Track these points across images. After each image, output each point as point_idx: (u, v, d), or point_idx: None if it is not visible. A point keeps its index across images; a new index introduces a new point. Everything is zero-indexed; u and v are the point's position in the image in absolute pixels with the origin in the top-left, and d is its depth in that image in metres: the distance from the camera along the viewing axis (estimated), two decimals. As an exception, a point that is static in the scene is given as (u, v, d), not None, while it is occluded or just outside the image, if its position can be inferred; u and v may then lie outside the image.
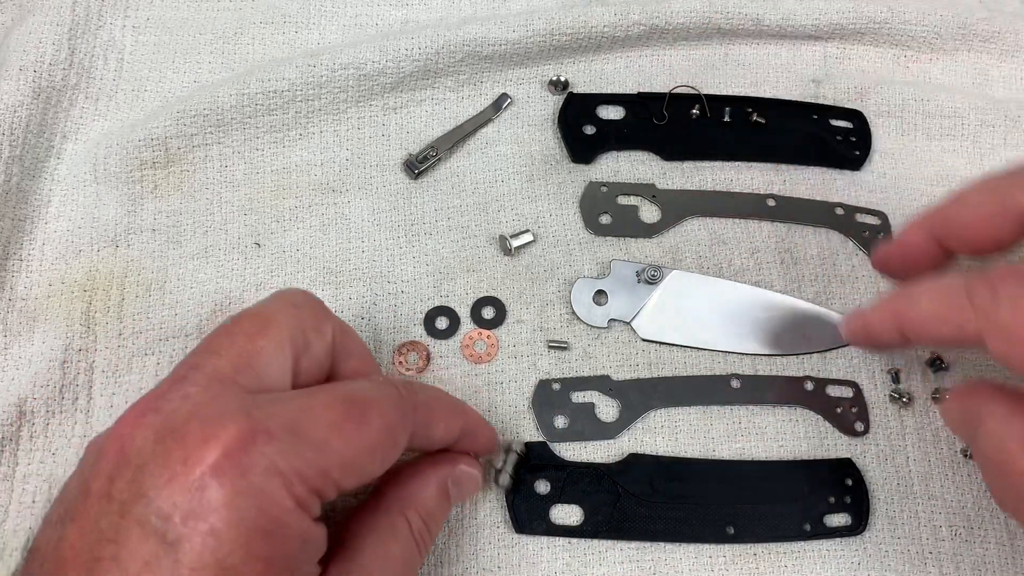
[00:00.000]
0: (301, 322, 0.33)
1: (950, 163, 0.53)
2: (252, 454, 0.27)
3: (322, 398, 0.30)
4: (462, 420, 0.37)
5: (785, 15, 0.53)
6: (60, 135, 0.48)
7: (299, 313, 0.33)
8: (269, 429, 0.27)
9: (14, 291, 0.45)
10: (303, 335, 0.33)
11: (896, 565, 0.43)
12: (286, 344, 0.32)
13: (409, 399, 0.33)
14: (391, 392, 0.32)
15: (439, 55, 0.50)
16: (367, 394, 0.31)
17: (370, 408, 0.31)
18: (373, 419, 0.31)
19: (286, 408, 0.29)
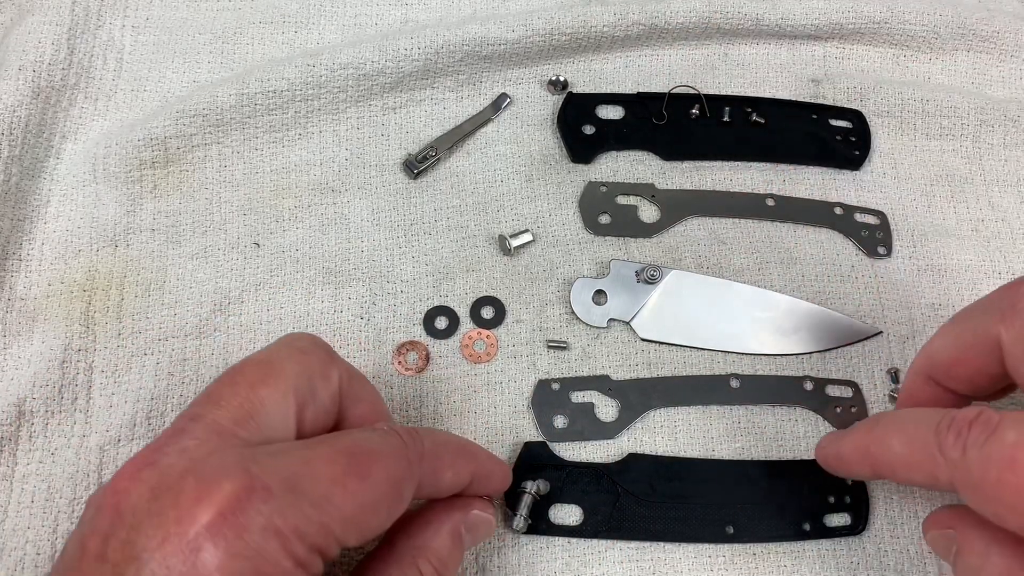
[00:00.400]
0: (307, 369, 0.32)
1: (949, 163, 0.53)
2: (248, 513, 0.26)
3: (323, 451, 0.29)
4: (472, 465, 0.36)
5: (784, 15, 0.53)
6: (59, 135, 0.48)
7: (305, 360, 0.32)
8: (267, 486, 0.26)
9: (13, 291, 0.45)
10: (308, 383, 0.32)
11: (895, 565, 0.43)
12: (290, 393, 0.31)
13: (415, 449, 0.32)
14: (396, 443, 0.31)
15: (438, 55, 0.50)
16: (371, 446, 0.30)
17: (374, 461, 0.30)
18: (377, 473, 0.30)
19: (286, 462, 0.28)
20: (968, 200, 0.52)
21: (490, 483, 0.38)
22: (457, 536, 0.36)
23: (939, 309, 0.48)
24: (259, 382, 0.30)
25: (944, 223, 0.51)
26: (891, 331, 0.48)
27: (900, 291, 0.49)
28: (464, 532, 0.36)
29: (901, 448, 0.33)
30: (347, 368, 0.34)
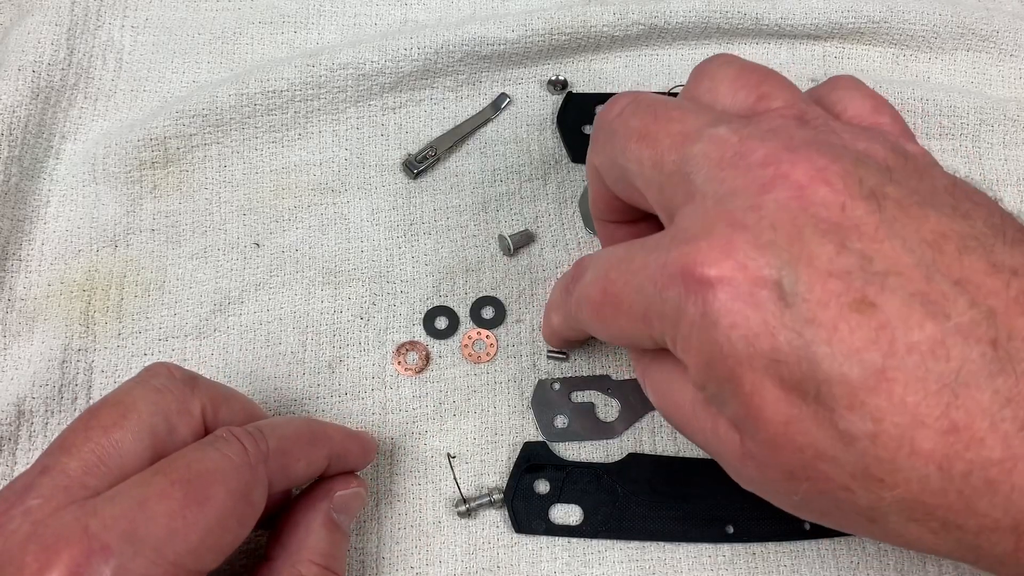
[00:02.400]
0: (163, 407, 0.32)
1: (949, 162, 0.53)
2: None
3: (157, 486, 0.29)
4: (325, 449, 0.36)
5: (784, 14, 0.53)
6: (59, 135, 0.48)
7: (160, 398, 0.32)
8: (105, 544, 0.26)
9: (13, 291, 0.45)
10: (166, 421, 0.31)
11: (895, 565, 0.43)
12: (145, 434, 0.30)
13: (256, 453, 0.32)
14: (236, 451, 0.31)
15: (438, 55, 0.50)
16: (207, 465, 0.30)
17: (211, 483, 0.29)
18: (216, 494, 0.29)
19: (121, 510, 0.28)
20: (968, 200, 0.51)
21: (349, 461, 0.38)
22: (331, 524, 0.36)
23: (939, 309, 0.48)
24: (113, 425, 0.30)
25: (944, 223, 0.51)
26: (891, 331, 0.47)
27: (900, 291, 0.49)
28: (336, 516, 0.36)
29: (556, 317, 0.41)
30: (213, 395, 0.34)
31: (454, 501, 0.42)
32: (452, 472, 0.43)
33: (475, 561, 0.42)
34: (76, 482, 0.28)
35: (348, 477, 0.38)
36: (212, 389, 0.35)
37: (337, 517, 0.36)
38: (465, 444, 0.44)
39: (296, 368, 0.45)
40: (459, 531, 0.42)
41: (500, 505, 0.42)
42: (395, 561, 0.42)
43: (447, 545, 0.42)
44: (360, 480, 0.38)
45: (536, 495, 0.42)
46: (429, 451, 0.44)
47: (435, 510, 0.43)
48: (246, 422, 0.34)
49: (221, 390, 0.35)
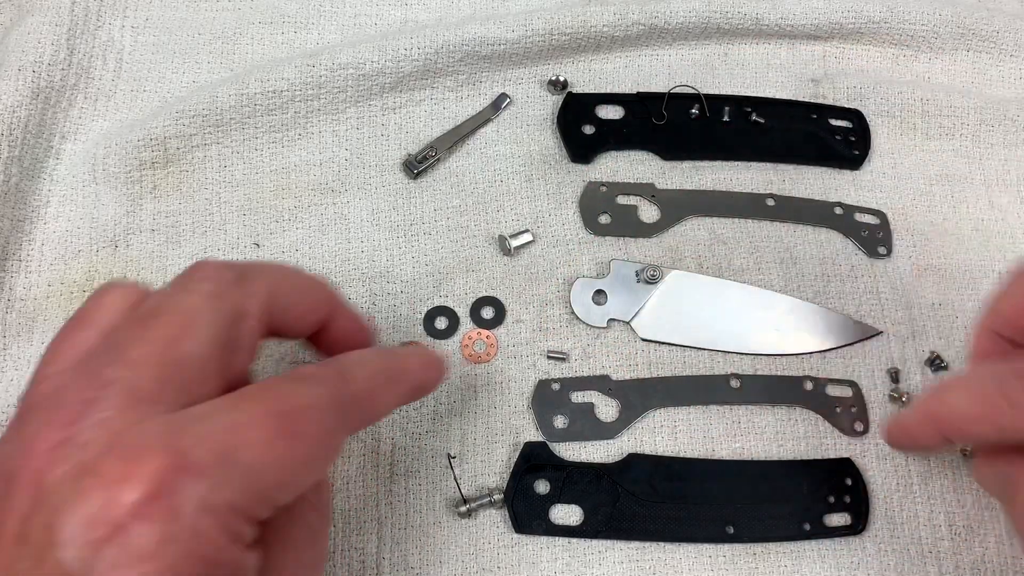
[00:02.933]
0: (224, 315, 0.29)
1: (949, 163, 0.53)
2: (180, 494, 0.24)
3: (251, 413, 0.27)
4: (407, 386, 0.34)
5: (784, 15, 0.53)
6: (59, 135, 0.48)
7: (221, 306, 0.29)
8: (197, 462, 0.25)
9: (13, 292, 0.45)
10: (227, 330, 0.29)
11: (896, 565, 0.43)
12: (209, 346, 0.28)
13: (346, 397, 0.30)
14: (327, 396, 0.29)
15: (438, 55, 0.50)
16: (300, 401, 0.28)
17: (303, 418, 0.28)
18: (308, 430, 0.28)
19: (213, 430, 0.26)
20: (968, 200, 0.52)
21: (426, 389, 0.36)
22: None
23: (939, 309, 0.48)
24: (179, 337, 0.27)
25: (944, 223, 0.51)
26: (891, 331, 0.48)
27: (900, 291, 0.49)
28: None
29: (966, 403, 0.33)
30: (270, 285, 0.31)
31: (454, 501, 0.42)
32: (452, 472, 0.43)
33: (475, 561, 0.42)
34: (148, 397, 0.26)
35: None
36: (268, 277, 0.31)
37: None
38: (465, 444, 0.44)
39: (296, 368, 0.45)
40: (459, 531, 0.42)
41: (500, 505, 0.42)
42: (395, 561, 0.42)
43: (447, 545, 0.42)
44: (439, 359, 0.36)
45: (536, 495, 0.42)
46: (429, 451, 0.44)
47: (435, 510, 0.43)
48: (316, 307, 0.33)
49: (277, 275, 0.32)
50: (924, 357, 0.47)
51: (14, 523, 0.24)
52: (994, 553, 0.43)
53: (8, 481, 0.25)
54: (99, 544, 0.23)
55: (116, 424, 0.25)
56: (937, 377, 0.47)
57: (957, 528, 0.44)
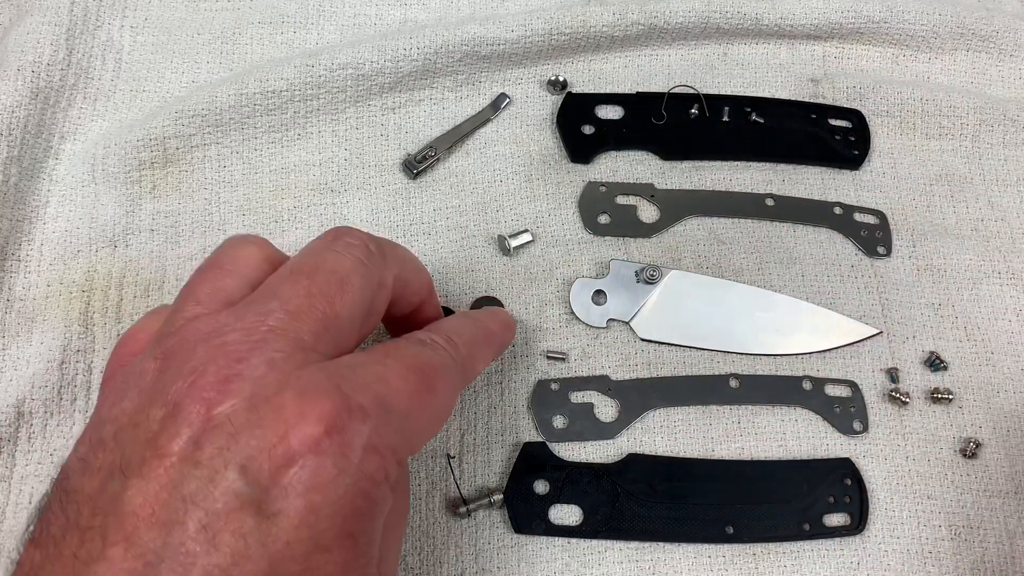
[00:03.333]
0: (371, 280, 0.32)
1: (949, 162, 0.53)
2: (350, 432, 0.26)
3: (396, 368, 0.30)
4: (494, 348, 0.39)
5: (784, 15, 0.53)
6: (58, 135, 0.48)
7: (368, 272, 0.31)
8: (362, 405, 0.27)
9: (12, 292, 0.45)
10: (372, 295, 0.32)
11: (895, 564, 0.43)
12: (358, 308, 0.31)
13: (460, 360, 0.33)
14: (449, 358, 0.33)
15: (437, 55, 0.50)
16: (432, 361, 0.31)
17: (437, 376, 0.31)
18: (440, 387, 0.31)
19: (369, 379, 0.28)
20: (968, 200, 0.52)
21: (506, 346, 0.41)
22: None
23: (939, 309, 0.48)
24: (335, 296, 0.30)
25: (944, 223, 0.51)
26: (891, 331, 0.48)
27: (900, 291, 0.49)
28: None
29: None
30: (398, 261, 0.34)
31: (454, 501, 0.42)
32: (452, 472, 0.43)
33: (475, 561, 0.42)
34: (309, 345, 0.28)
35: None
36: (396, 254, 0.34)
37: None
38: (465, 444, 0.44)
39: (295, 368, 0.45)
40: (459, 531, 0.42)
41: (500, 505, 0.42)
42: (394, 561, 0.42)
43: (447, 545, 0.42)
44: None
45: (535, 495, 0.42)
46: (429, 451, 0.44)
47: (435, 510, 0.43)
48: (422, 288, 0.36)
49: (400, 253, 0.35)
50: (923, 357, 0.47)
51: (181, 446, 0.25)
52: (994, 553, 0.43)
53: (173, 408, 0.26)
54: (276, 471, 0.25)
55: (285, 366, 0.27)
56: (936, 377, 0.47)
57: (957, 528, 0.44)
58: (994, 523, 0.44)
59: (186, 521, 0.24)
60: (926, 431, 0.45)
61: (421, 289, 0.36)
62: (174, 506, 0.24)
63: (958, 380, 0.47)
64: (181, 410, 0.26)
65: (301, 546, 0.25)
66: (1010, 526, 0.44)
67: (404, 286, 0.34)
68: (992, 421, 0.46)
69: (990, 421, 0.46)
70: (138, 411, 0.27)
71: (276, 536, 0.25)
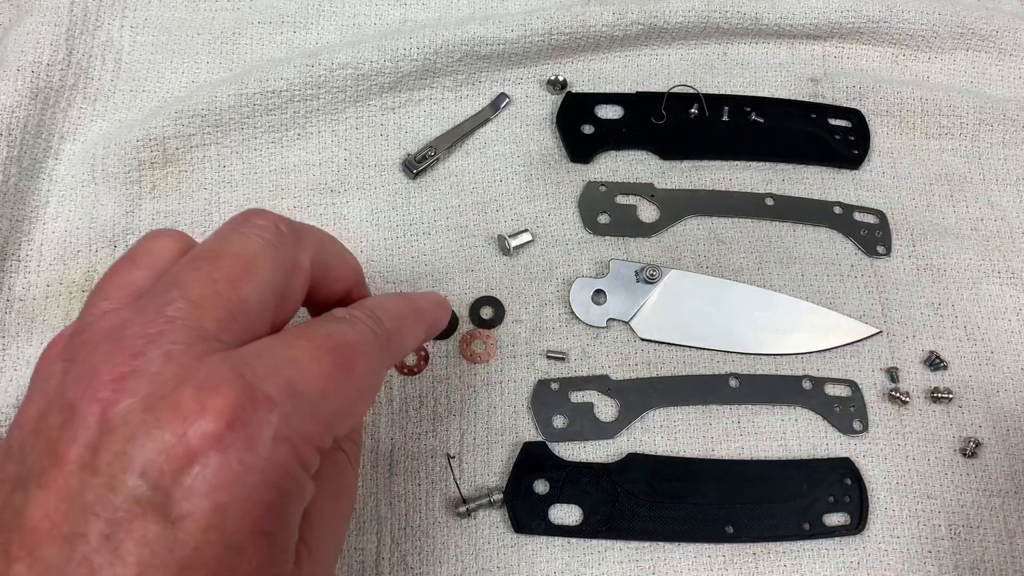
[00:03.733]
0: (282, 263, 0.30)
1: (949, 162, 0.53)
2: (255, 424, 0.25)
3: (307, 349, 0.28)
4: (424, 324, 0.36)
5: (783, 14, 0.53)
6: (58, 135, 0.48)
7: (278, 254, 0.30)
8: (268, 394, 0.25)
9: (12, 292, 0.45)
10: (284, 278, 0.30)
11: (895, 564, 0.43)
12: (268, 291, 0.29)
13: (383, 334, 0.31)
14: (369, 332, 0.31)
15: (437, 55, 0.50)
16: (347, 338, 0.30)
17: (353, 354, 0.29)
18: (359, 364, 0.29)
19: (276, 364, 0.27)
20: (967, 199, 0.52)
21: (437, 328, 0.38)
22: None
23: (939, 308, 0.48)
24: (240, 280, 0.28)
25: (943, 222, 0.51)
26: (890, 331, 0.48)
27: (899, 290, 0.49)
28: None
29: None
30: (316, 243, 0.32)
31: (454, 501, 0.42)
32: (452, 472, 0.43)
33: (475, 561, 0.42)
34: (212, 335, 0.27)
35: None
36: (313, 236, 0.33)
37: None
38: (465, 444, 0.44)
39: (295, 368, 0.45)
40: (459, 531, 0.42)
41: (500, 505, 0.42)
42: (395, 561, 0.42)
43: (447, 545, 0.42)
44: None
45: (535, 495, 0.42)
46: (429, 451, 0.44)
47: (435, 510, 0.43)
48: (347, 274, 0.34)
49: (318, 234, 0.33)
50: (923, 356, 0.47)
51: (79, 452, 0.24)
52: (994, 553, 0.43)
53: (69, 412, 0.25)
54: (176, 473, 0.24)
55: (184, 358, 0.25)
56: (936, 376, 0.47)
57: (956, 527, 0.44)
58: (994, 523, 0.44)
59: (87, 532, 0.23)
60: (926, 431, 0.45)
61: (346, 275, 0.35)
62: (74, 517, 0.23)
63: (958, 380, 0.47)
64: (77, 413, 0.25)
65: (211, 549, 0.24)
66: (1010, 525, 0.44)
67: (324, 271, 0.33)
68: (992, 421, 0.46)
69: (990, 421, 0.46)
70: (40, 417, 0.26)
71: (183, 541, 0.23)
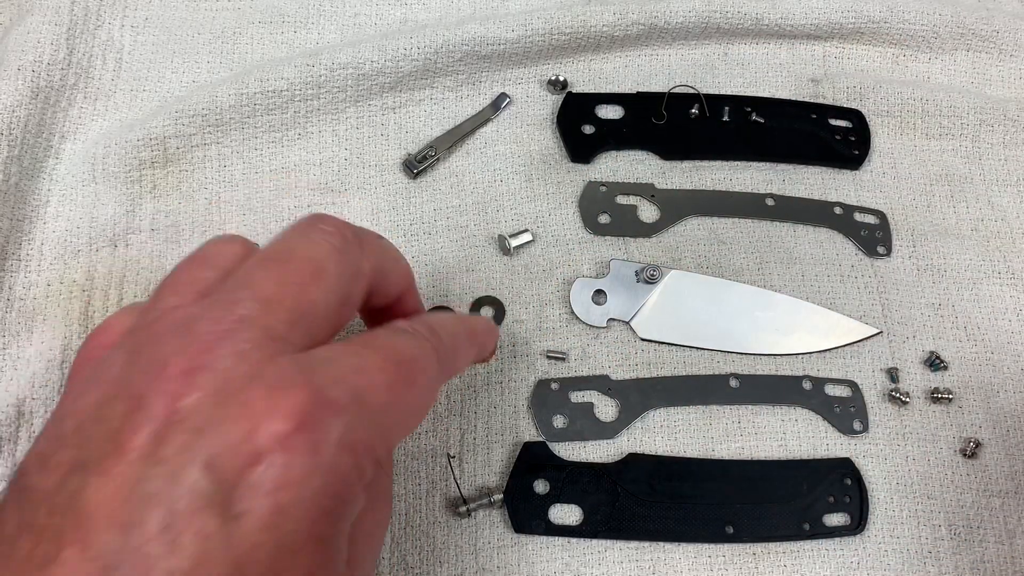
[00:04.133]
0: (347, 269, 0.30)
1: (949, 162, 0.53)
2: (322, 428, 0.25)
3: (373, 359, 0.28)
4: (477, 345, 0.37)
5: (784, 14, 0.53)
6: (59, 135, 0.48)
7: (344, 260, 0.30)
8: (336, 400, 0.26)
9: (12, 291, 0.45)
10: (348, 284, 0.30)
11: (895, 564, 0.43)
12: (334, 297, 0.29)
13: (442, 351, 0.32)
14: (430, 348, 0.31)
15: (438, 55, 0.50)
16: (410, 352, 0.30)
17: (415, 368, 0.30)
18: (419, 379, 0.30)
19: (343, 372, 0.27)
20: (968, 200, 0.52)
21: (487, 350, 0.39)
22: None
23: (939, 309, 0.48)
24: (309, 284, 0.29)
25: (944, 223, 0.51)
26: (891, 331, 0.48)
27: (900, 291, 0.49)
28: None
29: None
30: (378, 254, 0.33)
31: (454, 501, 0.42)
32: (452, 472, 0.43)
33: (475, 561, 0.42)
34: (281, 335, 0.27)
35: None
36: (374, 245, 0.33)
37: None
38: (465, 444, 0.44)
39: (296, 368, 0.45)
40: (459, 531, 0.42)
41: (500, 505, 0.42)
42: (395, 561, 0.42)
43: (447, 545, 0.42)
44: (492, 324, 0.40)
45: (535, 495, 0.43)
46: (429, 451, 0.44)
47: (435, 510, 0.43)
48: (404, 287, 0.35)
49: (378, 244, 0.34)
50: (923, 357, 0.47)
51: (142, 441, 0.24)
52: (994, 553, 0.43)
53: (135, 402, 0.25)
54: (241, 469, 0.24)
55: (254, 357, 0.26)
56: (936, 377, 0.47)
57: (956, 528, 0.44)
58: (994, 523, 0.44)
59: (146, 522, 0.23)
60: (926, 431, 0.45)
61: (401, 280, 0.35)
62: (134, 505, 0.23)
63: (958, 380, 0.47)
64: (144, 403, 0.25)
65: (266, 549, 0.24)
66: (1010, 526, 0.44)
67: (383, 276, 0.33)
68: (992, 421, 0.46)
69: (990, 421, 0.46)
70: (101, 405, 0.25)
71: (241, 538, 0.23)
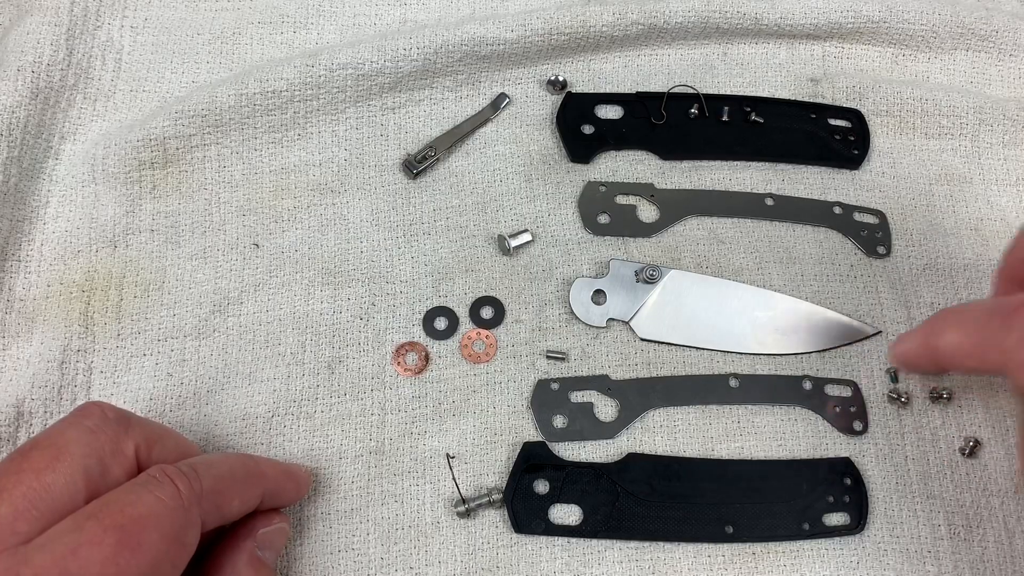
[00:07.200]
0: (97, 448, 0.32)
1: (948, 162, 0.53)
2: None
3: (90, 532, 0.29)
4: (260, 487, 0.37)
5: (783, 14, 0.53)
6: (58, 136, 0.48)
7: (94, 439, 0.32)
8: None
9: (12, 292, 0.45)
10: (99, 463, 0.31)
11: (895, 564, 0.43)
12: (78, 476, 0.30)
13: (190, 494, 0.32)
14: (166, 496, 0.31)
15: (437, 55, 0.50)
16: (139, 510, 0.30)
17: (144, 527, 0.30)
18: (150, 538, 0.30)
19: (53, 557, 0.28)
20: (967, 199, 0.52)
21: (282, 497, 0.38)
22: (256, 562, 0.36)
23: (938, 308, 0.48)
24: (45, 468, 0.30)
25: (943, 222, 0.51)
26: (890, 331, 0.48)
27: (899, 290, 0.49)
28: (260, 552, 0.37)
29: (954, 335, 0.34)
30: (147, 434, 0.34)
31: (453, 501, 0.42)
32: (451, 472, 0.43)
33: (475, 561, 0.42)
34: (7, 528, 0.28)
35: (271, 514, 0.38)
36: (146, 428, 0.35)
37: (261, 554, 0.37)
38: (465, 444, 0.44)
39: (295, 369, 0.45)
40: (459, 531, 0.42)
41: (499, 505, 0.42)
42: (395, 561, 0.42)
43: (447, 545, 0.42)
44: (282, 516, 0.39)
45: (535, 495, 0.43)
46: (428, 451, 0.44)
47: (434, 510, 0.43)
48: (180, 460, 0.34)
49: (155, 428, 0.35)
50: (923, 357, 0.47)
51: None
52: (994, 553, 0.43)
53: None
54: None
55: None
56: (936, 377, 0.47)
57: (956, 527, 0.44)
58: (994, 522, 0.44)
59: None
60: (926, 431, 0.45)
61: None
62: None
63: (958, 380, 0.47)
64: None
65: None
66: (1010, 525, 0.44)
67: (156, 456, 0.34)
68: (992, 421, 0.46)
69: (990, 421, 0.46)
70: None
71: None
